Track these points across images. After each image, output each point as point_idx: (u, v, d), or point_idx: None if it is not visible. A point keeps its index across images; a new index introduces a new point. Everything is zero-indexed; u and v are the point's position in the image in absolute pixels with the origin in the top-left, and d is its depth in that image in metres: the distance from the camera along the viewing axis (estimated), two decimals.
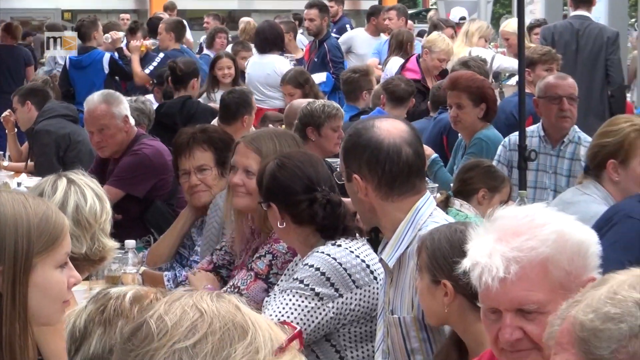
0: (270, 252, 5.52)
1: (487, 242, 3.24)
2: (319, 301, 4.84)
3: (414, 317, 4.42)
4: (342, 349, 4.99)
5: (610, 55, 11.27)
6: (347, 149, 4.55)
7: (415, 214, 4.49)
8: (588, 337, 2.53)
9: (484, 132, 8.49)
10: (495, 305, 3.24)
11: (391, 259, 4.49)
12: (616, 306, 2.52)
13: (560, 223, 3.27)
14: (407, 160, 4.51)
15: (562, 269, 3.22)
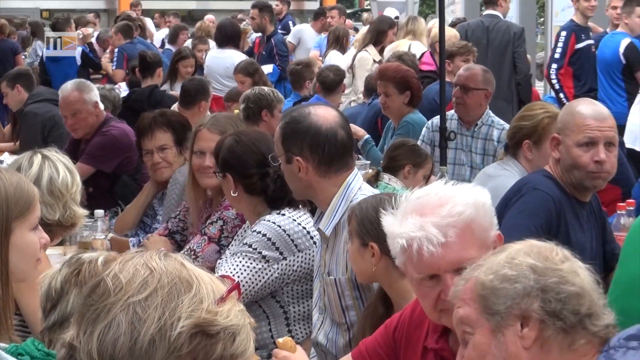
0: (221, 219, 5.53)
1: (413, 220, 3.23)
2: (266, 263, 4.84)
3: (348, 278, 4.44)
4: (285, 305, 4.99)
5: (517, 48, 11.30)
6: (286, 134, 4.53)
7: (346, 187, 4.51)
8: (487, 294, 2.57)
9: (410, 116, 8.50)
10: (435, 270, 3.22)
11: (328, 228, 4.49)
12: (513, 269, 2.56)
13: (468, 190, 3.30)
14: (342, 141, 4.54)
15: (482, 227, 3.25)
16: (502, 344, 2.55)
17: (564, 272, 2.58)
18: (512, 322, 2.56)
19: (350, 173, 4.56)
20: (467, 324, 2.64)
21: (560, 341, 2.53)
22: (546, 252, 2.64)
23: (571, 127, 4.92)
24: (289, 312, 5.01)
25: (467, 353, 2.62)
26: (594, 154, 4.79)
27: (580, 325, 2.54)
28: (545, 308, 2.53)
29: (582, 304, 2.55)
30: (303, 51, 15.48)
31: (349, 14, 21.20)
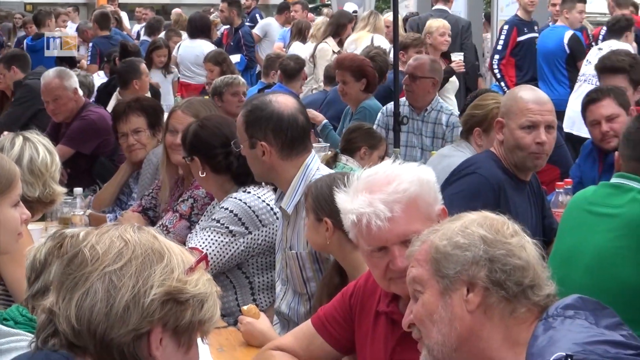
0: (192, 197, 5.52)
1: (362, 196, 3.23)
2: (232, 237, 4.84)
3: (308, 252, 4.46)
4: (250, 275, 5.00)
5: (465, 40, 11.36)
6: (249, 122, 4.51)
7: (305, 168, 4.52)
8: (440, 258, 2.58)
9: (367, 102, 8.50)
10: (383, 243, 3.22)
11: (289, 206, 4.50)
12: (465, 238, 2.57)
13: (412, 169, 3.30)
14: (302, 126, 4.56)
15: (427, 202, 3.24)
16: (448, 305, 2.56)
17: (512, 246, 2.59)
18: (459, 287, 2.57)
19: (309, 155, 4.57)
20: (418, 283, 2.65)
21: (502, 308, 2.54)
22: (498, 225, 2.64)
23: (514, 111, 4.95)
24: (254, 283, 5.01)
25: (416, 309, 2.64)
26: (536, 136, 4.81)
27: (523, 295, 2.54)
28: (491, 277, 2.54)
29: (526, 276, 2.56)
30: (269, 43, 15.44)
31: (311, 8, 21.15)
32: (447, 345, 2.56)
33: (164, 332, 2.20)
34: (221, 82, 8.81)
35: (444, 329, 2.56)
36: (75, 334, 2.16)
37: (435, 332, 2.57)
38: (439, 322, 2.57)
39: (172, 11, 18.60)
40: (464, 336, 2.54)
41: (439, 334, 2.56)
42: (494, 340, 2.54)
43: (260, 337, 4.06)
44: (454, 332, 2.55)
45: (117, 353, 2.17)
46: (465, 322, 2.54)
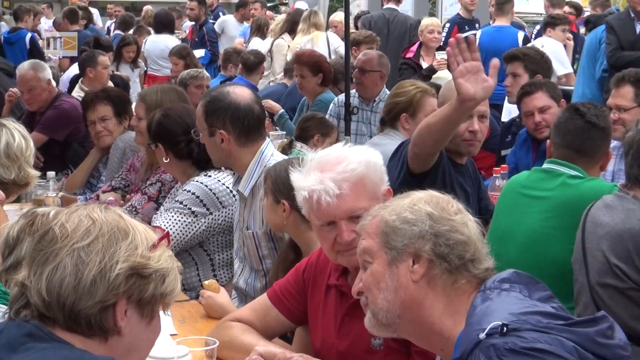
0: (160, 181, 5.52)
1: (314, 175, 3.24)
2: (194, 217, 4.83)
3: (264, 232, 4.47)
4: (211, 253, 5.00)
5: (413, 37, 11.36)
6: (209, 111, 4.51)
7: (261, 154, 4.52)
8: (389, 231, 2.60)
9: (323, 95, 8.53)
10: (331, 218, 3.23)
11: (246, 189, 4.50)
12: (413, 214, 2.59)
13: (361, 151, 3.32)
14: (258, 115, 4.56)
15: (373, 182, 3.26)
16: (394, 275, 2.57)
17: (456, 223, 2.59)
18: (405, 258, 2.57)
19: (264, 142, 4.58)
20: (368, 253, 2.65)
21: (444, 279, 2.55)
22: (443, 203, 2.65)
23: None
24: (214, 260, 5.02)
25: (365, 277, 2.64)
26: (469, 125, 4.83)
27: (464, 268, 2.56)
28: (435, 250, 2.55)
29: (467, 250, 2.57)
30: (226, 39, 15.42)
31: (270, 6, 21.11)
32: (391, 311, 2.57)
33: (128, 304, 2.20)
34: (187, 75, 8.80)
35: (389, 296, 2.57)
36: (46, 305, 2.16)
37: (381, 299, 2.58)
38: (385, 289, 2.57)
39: (143, 8, 18.50)
40: (407, 304, 2.55)
41: (384, 301, 2.57)
42: (435, 308, 2.54)
43: (219, 309, 4.06)
44: (398, 299, 2.56)
45: (85, 323, 2.17)
46: (409, 290, 2.55)
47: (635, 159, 3.93)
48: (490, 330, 2.34)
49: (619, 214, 3.89)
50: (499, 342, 2.31)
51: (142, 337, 2.28)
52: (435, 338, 2.58)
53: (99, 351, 2.19)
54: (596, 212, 4.03)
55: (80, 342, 2.18)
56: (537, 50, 7.57)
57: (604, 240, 3.92)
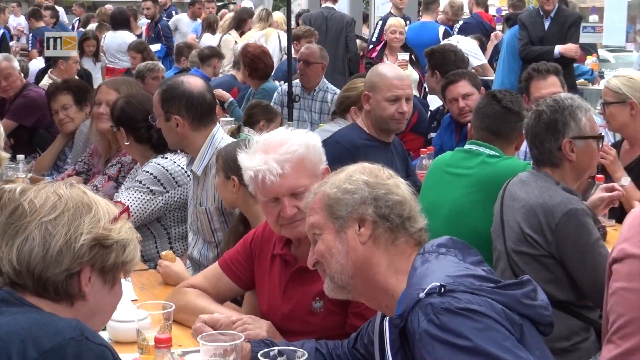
0: (120, 162, 5.50)
1: (259, 156, 3.25)
2: (152, 195, 4.82)
3: (215, 207, 4.46)
4: (168, 227, 4.98)
5: (349, 33, 11.39)
6: (165, 99, 4.49)
7: (212, 137, 4.52)
8: (332, 203, 2.61)
9: (266, 85, 8.49)
10: (275, 195, 3.24)
11: (199, 169, 4.50)
12: (351, 184, 2.60)
13: (301, 134, 3.33)
14: (209, 102, 4.55)
15: (312, 162, 3.27)
16: (344, 240, 2.59)
17: (390, 186, 2.62)
18: (352, 224, 2.59)
19: (215, 127, 4.57)
20: (316, 227, 2.67)
21: (386, 238, 2.58)
22: (376, 171, 2.67)
23: (380, 86, 5.02)
24: (171, 233, 5.00)
25: (317, 248, 2.66)
26: (399, 106, 4.93)
27: (402, 226, 2.58)
28: (377, 212, 2.57)
29: (404, 209, 2.60)
30: (180, 34, 15.36)
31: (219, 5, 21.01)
32: (344, 273, 2.59)
33: (92, 271, 2.22)
34: (144, 68, 8.71)
35: (341, 260, 2.59)
36: (17, 273, 2.17)
37: (335, 264, 2.60)
38: (336, 254, 2.59)
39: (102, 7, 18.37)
40: (358, 264, 2.57)
41: (337, 265, 2.59)
42: (381, 266, 2.57)
43: (175, 277, 4.05)
44: (350, 261, 2.58)
45: (52, 289, 2.18)
46: (358, 252, 2.57)
47: (532, 143, 3.98)
48: (429, 290, 2.35)
49: (534, 190, 3.92)
50: (436, 301, 2.33)
51: (105, 301, 2.29)
52: (381, 296, 2.59)
53: (66, 314, 2.19)
54: (513, 187, 4.07)
55: (49, 307, 2.18)
56: (442, 48, 7.54)
57: (519, 212, 3.96)
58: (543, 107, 3.95)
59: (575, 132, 3.84)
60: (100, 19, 16.11)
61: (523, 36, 9.59)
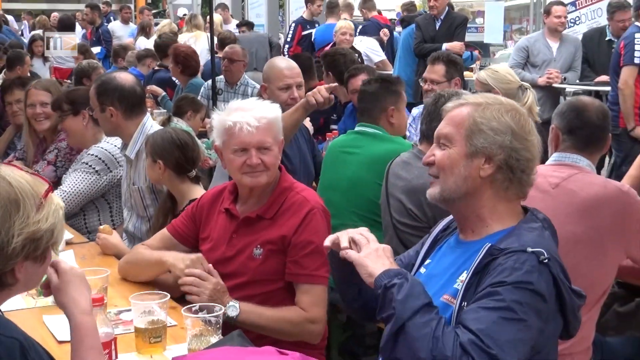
0: (57, 148, 5.47)
1: (239, 112, 3.27)
2: (97, 175, 4.83)
3: (147, 187, 4.45)
4: (111, 202, 4.98)
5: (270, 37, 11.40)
6: (100, 92, 4.47)
7: (143, 126, 4.51)
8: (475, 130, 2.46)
9: (194, 80, 8.43)
10: (246, 145, 3.26)
11: (132, 153, 4.49)
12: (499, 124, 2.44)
13: (269, 104, 3.37)
14: (140, 94, 4.55)
15: (277, 128, 3.32)
16: (468, 165, 2.44)
17: (529, 143, 2.45)
18: (481, 157, 2.43)
19: (145, 116, 4.56)
20: (449, 139, 2.48)
21: (502, 182, 2.44)
22: (523, 122, 2.46)
23: (273, 77, 5.06)
24: (113, 207, 5.00)
25: (441, 157, 2.49)
26: (290, 93, 4.99)
27: (519, 180, 2.45)
28: (507, 160, 2.42)
29: (529, 166, 2.44)
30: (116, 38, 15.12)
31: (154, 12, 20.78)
32: (456, 192, 2.46)
33: (24, 261, 2.04)
34: (88, 66, 8.45)
35: (459, 182, 2.45)
36: None
37: (452, 182, 2.45)
38: (457, 175, 2.45)
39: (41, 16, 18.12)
40: (470, 192, 2.45)
41: (454, 184, 2.45)
42: (488, 202, 2.46)
43: (113, 248, 4.04)
44: (464, 186, 2.45)
45: None
46: (476, 182, 2.44)
47: (425, 118, 3.98)
48: (536, 252, 2.27)
49: (414, 170, 3.93)
50: (533, 262, 2.26)
51: (35, 273, 2.11)
52: (475, 222, 2.48)
53: (2, 297, 2.06)
54: (395, 167, 4.11)
55: None
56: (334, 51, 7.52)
57: (402, 190, 3.98)
58: (444, 94, 4.00)
59: None
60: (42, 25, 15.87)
61: (417, 35, 9.71)
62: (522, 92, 5.14)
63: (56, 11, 20.30)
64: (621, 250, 3.23)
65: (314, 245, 3.21)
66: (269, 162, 3.28)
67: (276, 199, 3.34)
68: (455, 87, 5.66)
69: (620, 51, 7.44)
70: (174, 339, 2.88)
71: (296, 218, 3.26)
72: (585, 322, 3.16)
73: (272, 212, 3.32)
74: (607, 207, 3.18)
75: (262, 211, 3.34)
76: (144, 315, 2.83)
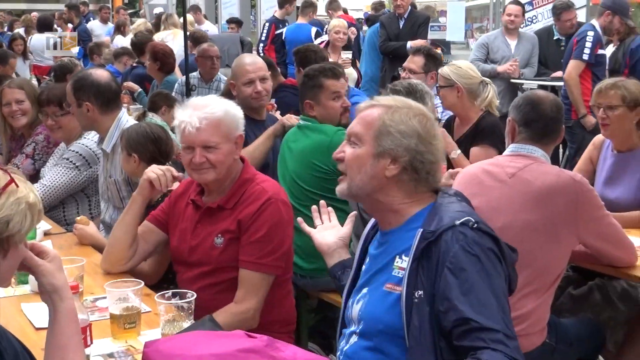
0: (34, 142, 5.42)
1: (188, 111, 3.25)
2: (78, 170, 4.79)
3: (123, 179, 4.43)
4: (90, 195, 4.95)
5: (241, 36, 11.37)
6: (77, 88, 4.44)
7: (118, 120, 4.49)
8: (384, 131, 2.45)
9: (169, 77, 8.35)
10: (191, 144, 3.25)
11: (108, 147, 4.46)
12: (407, 128, 2.44)
13: (224, 102, 3.33)
14: (115, 90, 4.52)
15: (227, 126, 3.28)
16: (375, 165, 2.44)
17: (433, 147, 2.44)
18: (387, 157, 2.43)
19: (120, 111, 4.53)
20: (359, 138, 2.48)
21: (408, 182, 2.44)
22: (429, 126, 2.47)
23: (238, 73, 5.08)
24: (91, 201, 4.97)
25: (350, 154, 2.49)
26: (254, 87, 4.98)
27: (425, 180, 2.45)
28: (411, 162, 2.42)
29: (433, 169, 2.45)
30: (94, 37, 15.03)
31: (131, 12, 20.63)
32: (363, 189, 2.47)
33: None
34: (71, 64, 8.40)
35: (365, 179, 2.45)
36: None
37: (359, 179, 2.46)
38: (364, 173, 2.45)
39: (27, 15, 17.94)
40: (377, 189, 2.45)
41: (360, 181, 2.46)
42: (396, 198, 2.45)
43: (89, 238, 4.01)
44: (371, 184, 2.45)
45: None
46: (382, 182, 2.44)
47: None
48: (464, 221, 2.30)
49: None
50: (470, 234, 2.28)
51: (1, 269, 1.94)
52: (389, 215, 2.48)
53: None
54: None
55: None
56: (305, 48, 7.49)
57: None
58: (399, 88, 3.99)
59: None
60: (26, 24, 15.70)
61: (382, 34, 9.73)
62: (483, 87, 5.16)
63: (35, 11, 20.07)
64: (574, 237, 3.26)
65: (262, 232, 3.22)
66: (215, 160, 3.26)
67: (237, 190, 3.34)
68: (431, 80, 5.72)
69: (573, 47, 7.51)
70: (148, 325, 2.87)
71: (253, 207, 3.26)
72: (540, 304, 3.21)
73: (233, 202, 3.32)
74: (561, 195, 3.20)
75: (223, 201, 3.34)
76: (119, 302, 2.82)
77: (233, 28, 13.04)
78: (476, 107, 5.15)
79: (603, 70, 7.48)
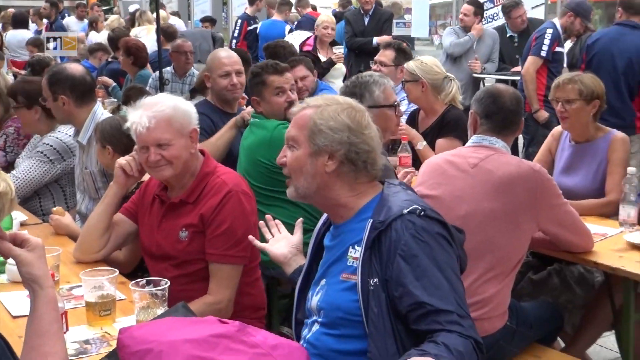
0: (5, 134, 5.38)
1: (139, 111, 3.20)
2: (52, 164, 4.72)
3: (98, 170, 4.38)
4: (64, 187, 4.88)
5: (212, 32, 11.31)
6: (52, 82, 4.38)
7: (94, 113, 4.44)
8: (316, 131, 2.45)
9: (143, 72, 8.30)
10: (144, 143, 3.21)
11: (84, 139, 4.42)
12: (336, 123, 2.44)
13: (174, 99, 3.29)
14: (89, 84, 4.47)
15: (179, 122, 3.22)
16: (314, 164, 2.44)
17: (365, 136, 2.44)
18: (324, 154, 2.43)
19: (95, 104, 4.49)
20: (295, 141, 2.49)
21: (349, 174, 2.44)
22: (359, 118, 2.46)
23: (213, 66, 5.05)
24: (67, 192, 4.91)
25: (291, 158, 2.49)
26: (230, 80, 4.95)
27: (365, 169, 2.44)
28: (347, 155, 2.42)
29: (370, 157, 2.44)
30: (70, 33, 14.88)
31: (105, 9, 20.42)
32: (309, 189, 2.47)
33: None
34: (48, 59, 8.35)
35: (308, 179, 2.45)
36: None
37: (302, 180, 2.46)
38: (305, 173, 2.45)
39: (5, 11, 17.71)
40: (321, 186, 2.45)
41: (305, 181, 2.46)
42: (342, 191, 2.45)
43: (65, 228, 3.97)
44: (315, 182, 2.45)
45: None
46: (323, 178, 2.44)
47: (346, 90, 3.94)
48: (411, 209, 2.30)
49: None
50: (418, 221, 2.29)
51: None
52: (339, 209, 2.48)
53: None
54: None
55: None
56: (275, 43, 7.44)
57: None
58: (347, 83, 3.98)
59: (370, 102, 3.75)
60: (5, 21, 15.51)
61: (348, 30, 9.73)
62: (447, 83, 5.18)
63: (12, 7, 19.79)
64: (534, 224, 3.28)
65: (226, 225, 3.19)
66: (169, 157, 3.22)
67: (198, 184, 3.30)
68: (400, 74, 5.71)
69: (532, 43, 7.56)
70: (123, 312, 2.85)
71: (214, 200, 3.23)
72: (501, 289, 3.23)
73: (194, 196, 3.29)
74: (521, 184, 3.22)
75: (185, 196, 3.31)
76: (94, 290, 2.79)
77: (207, 26, 12.97)
78: (440, 101, 5.16)
79: (559, 67, 7.56)
